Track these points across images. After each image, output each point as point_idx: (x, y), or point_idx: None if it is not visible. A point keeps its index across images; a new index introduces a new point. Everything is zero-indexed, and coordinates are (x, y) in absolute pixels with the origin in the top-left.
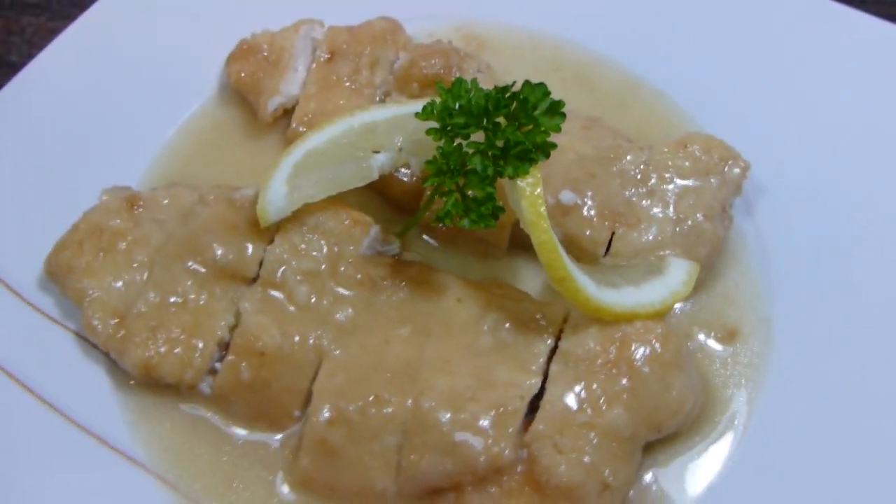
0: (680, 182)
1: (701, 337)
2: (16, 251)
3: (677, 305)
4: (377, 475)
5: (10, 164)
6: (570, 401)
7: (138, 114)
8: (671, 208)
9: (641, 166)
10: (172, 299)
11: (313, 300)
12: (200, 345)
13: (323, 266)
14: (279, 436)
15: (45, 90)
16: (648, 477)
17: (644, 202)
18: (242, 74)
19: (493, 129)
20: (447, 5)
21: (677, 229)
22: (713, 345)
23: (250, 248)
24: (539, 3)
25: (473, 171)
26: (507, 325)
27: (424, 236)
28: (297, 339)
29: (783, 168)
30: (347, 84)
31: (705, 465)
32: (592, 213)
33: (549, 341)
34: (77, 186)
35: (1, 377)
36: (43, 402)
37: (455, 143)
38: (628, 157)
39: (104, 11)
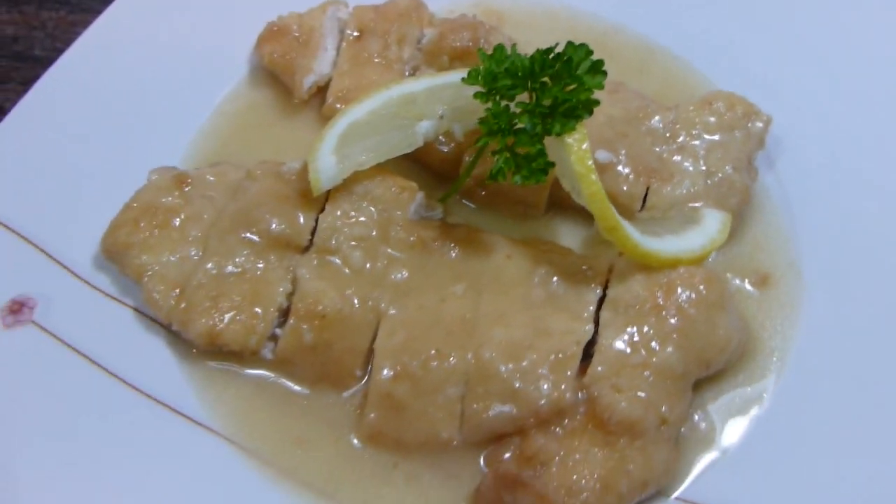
0: (707, 137)
1: (736, 282)
2: (69, 234)
3: (712, 255)
4: (442, 425)
5: (56, 151)
6: (623, 344)
7: (173, 99)
8: (701, 162)
9: (670, 124)
10: (230, 270)
11: (368, 264)
12: (261, 311)
13: (374, 231)
14: (343, 395)
15: (77, 83)
16: (698, 415)
17: (675, 158)
18: (275, 55)
19: (539, 89)
20: None
21: (708, 182)
22: (748, 289)
23: (302, 217)
24: None
25: (523, 129)
26: (556, 277)
27: (464, 201)
28: (355, 301)
29: (800, 121)
30: (378, 60)
31: (750, 400)
32: (627, 170)
33: (597, 290)
34: (121, 172)
35: (67, 353)
36: (111, 375)
37: (502, 105)
38: (656, 117)
39: (130, 2)
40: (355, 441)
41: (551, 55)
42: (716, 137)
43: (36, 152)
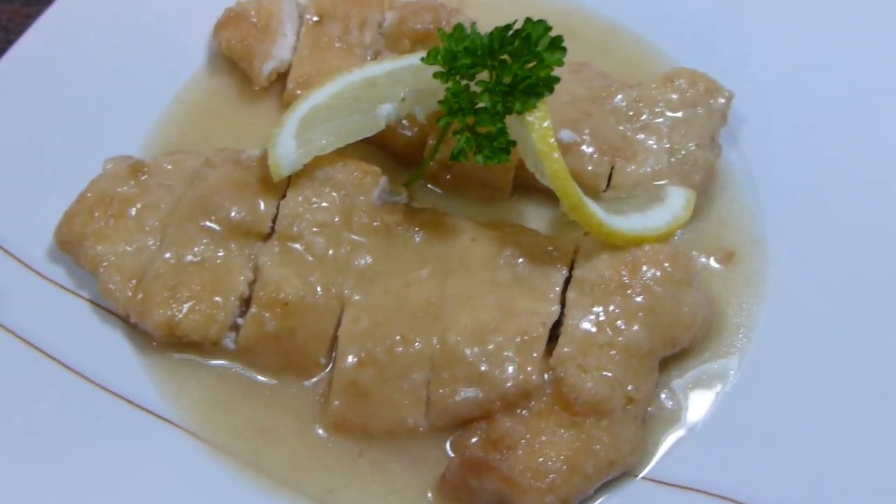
0: (670, 115)
1: (702, 260)
2: (22, 225)
3: (677, 233)
4: (408, 411)
5: (8, 142)
6: (589, 324)
7: (130, 88)
8: (665, 140)
9: (633, 103)
10: (189, 259)
11: (331, 250)
12: (221, 301)
13: (337, 217)
14: (307, 384)
15: (32, 72)
16: (664, 393)
17: (639, 136)
18: (233, 41)
19: (499, 67)
20: None
21: (672, 159)
22: (714, 266)
23: (262, 204)
24: None
25: (483, 108)
26: (522, 259)
27: (429, 185)
28: (318, 288)
29: (761, 97)
30: (338, 45)
31: (716, 377)
32: (591, 149)
33: (563, 271)
34: (76, 161)
35: (23, 347)
36: (68, 369)
37: (463, 84)
38: (619, 96)
39: None
40: (320, 430)
41: (510, 32)
42: (678, 114)
43: None
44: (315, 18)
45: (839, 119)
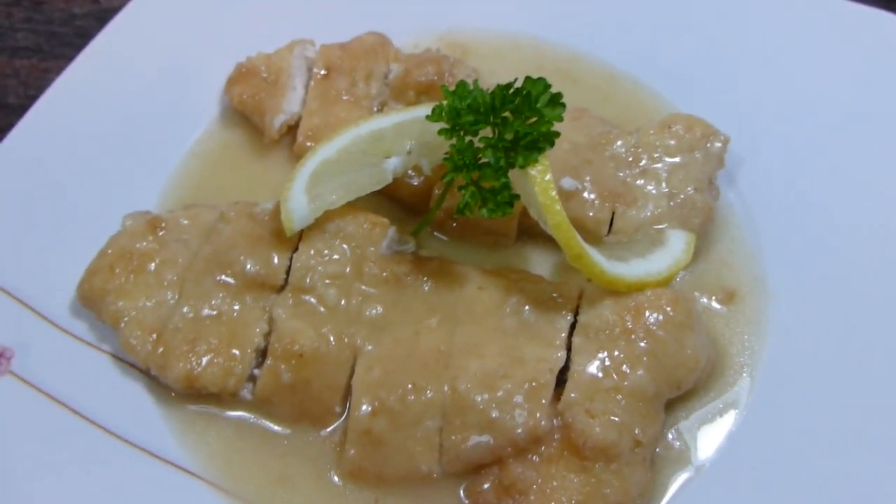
0: (668, 160)
1: (703, 301)
2: (44, 281)
3: (678, 275)
4: (422, 458)
5: (30, 198)
6: (595, 368)
7: (146, 143)
8: (664, 184)
9: (632, 149)
10: (206, 312)
11: (343, 301)
12: (238, 353)
13: (348, 268)
14: (323, 433)
15: (50, 130)
16: (671, 434)
17: (639, 181)
18: (244, 96)
19: (501, 124)
20: (429, 17)
21: (671, 203)
22: (715, 306)
23: (276, 257)
24: (516, 7)
25: (487, 163)
26: (528, 306)
27: (435, 233)
28: (331, 338)
29: (758, 139)
30: (346, 97)
31: (721, 416)
32: (593, 196)
33: (568, 317)
34: (96, 218)
35: (45, 401)
36: (90, 422)
37: (466, 140)
38: (619, 142)
39: (100, 49)
40: (336, 478)
41: (511, 90)
42: (676, 159)
43: (10, 200)
44: (323, 72)
45: (835, 157)
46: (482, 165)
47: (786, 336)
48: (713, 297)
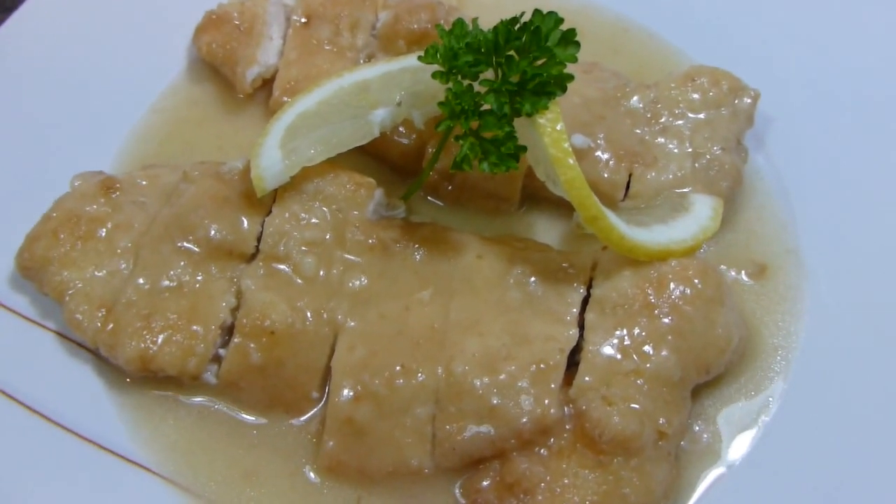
0: (692, 116)
1: (731, 274)
2: None
3: (703, 245)
4: (411, 451)
5: None
6: (613, 349)
7: (103, 97)
8: (687, 143)
9: (650, 104)
10: (164, 284)
11: (322, 272)
12: (201, 330)
13: (328, 234)
14: (298, 422)
15: None
16: (698, 425)
17: (658, 139)
18: (214, 46)
19: (505, 64)
20: None
21: (696, 164)
22: (745, 281)
23: (246, 221)
24: None
25: (489, 110)
26: (534, 277)
27: (429, 198)
28: (308, 313)
29: (788, 96)
30: (328, 48)
31: (754, 405)
32: (607, 155)
33: (580, 290)
34: (44, 177)
35: None
36: (30, 410)
37: (465, 84)
38: (635, 97)
39: None
40: (312, 474)
41: (517, 26)
42: (701, 116)
43: None
44: (303, 20)
45: (874, 117)
46: (483, 113)
47: (824, 315)
48: (742, 271)
